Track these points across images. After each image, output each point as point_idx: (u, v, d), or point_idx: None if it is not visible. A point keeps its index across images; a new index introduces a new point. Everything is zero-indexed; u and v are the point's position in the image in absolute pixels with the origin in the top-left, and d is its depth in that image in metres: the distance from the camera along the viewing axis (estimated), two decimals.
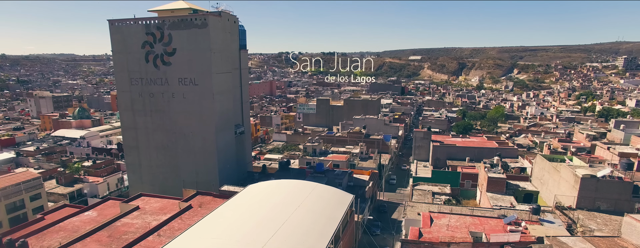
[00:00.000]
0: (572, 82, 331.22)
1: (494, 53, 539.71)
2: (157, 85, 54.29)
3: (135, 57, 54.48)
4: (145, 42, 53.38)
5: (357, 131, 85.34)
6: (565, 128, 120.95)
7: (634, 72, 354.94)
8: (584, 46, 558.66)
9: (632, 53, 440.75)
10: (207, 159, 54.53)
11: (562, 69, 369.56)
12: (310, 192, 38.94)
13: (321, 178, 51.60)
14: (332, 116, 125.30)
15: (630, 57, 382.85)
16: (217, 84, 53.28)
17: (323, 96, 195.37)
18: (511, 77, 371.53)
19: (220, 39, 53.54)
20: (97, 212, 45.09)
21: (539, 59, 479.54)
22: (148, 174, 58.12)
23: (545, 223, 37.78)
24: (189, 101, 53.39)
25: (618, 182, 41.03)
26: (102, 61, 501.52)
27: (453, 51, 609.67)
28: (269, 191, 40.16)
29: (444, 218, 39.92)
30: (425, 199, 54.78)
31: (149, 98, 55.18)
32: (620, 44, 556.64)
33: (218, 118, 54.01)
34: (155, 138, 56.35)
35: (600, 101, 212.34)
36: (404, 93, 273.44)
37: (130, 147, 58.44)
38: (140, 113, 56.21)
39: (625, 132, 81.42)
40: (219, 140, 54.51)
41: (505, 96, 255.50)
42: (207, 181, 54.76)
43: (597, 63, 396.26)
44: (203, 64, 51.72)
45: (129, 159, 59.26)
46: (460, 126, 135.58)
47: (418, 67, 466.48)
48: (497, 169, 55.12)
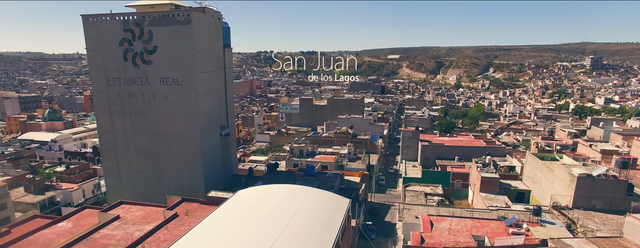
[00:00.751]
0: (544, 80, 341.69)
1: (469, 52, 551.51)
2: (136, 85, 51.00)
3: (112, 55, 51.00)
4: (123, 39, 50.02)
5: (344, 131, 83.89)
6: (545, 126, 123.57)
7: (599, 71, 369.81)
8: (553, 46, 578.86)
9: (597, 53, 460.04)
10: (191, 163, 51.69)
11: (535, 68, 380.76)
12: (305, 198, 36.97)
13: (312, 181, 49.72)
14: (315, 115, 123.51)
15: (596, 57, 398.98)
16: (202, 83, 50.53)
17: (304, 95, 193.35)
18: (487, 76, 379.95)
19: (204, 37, 50.79)
20: (72, 223, 41.65)
21: (513, 58, 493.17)
22: (128, 179, 54.70)
23: (546, 224, 37.21)
24: (172, 101, 50.40)
25: (613, 181, 41.04)
26: (73, 60, 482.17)
27: (430, 50, 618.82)
28: (261, 197, 37.94)
29: (444, 221, 38.83)
30: (418, 200, 53.80)
31: (128, 99, 51.81)
32: (586, 44, 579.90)
33: (203, 119, 51.26)
34: (136, 141, 53.03)
35: (572, 99, 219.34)
36: (384, 92, 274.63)
37: (107, 151, 54.83)
38: (119, 115, 52.74)
39: (605, 130, 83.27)
40: (204, 143, 51.77)
41: (483, 95, 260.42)
42: (192, 186, 51.85)
43: (567, 62, 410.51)
44: (186, 63, 48.87)
45: (106, 164, 55.62)
46: (443, 124, 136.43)
47: (397, 66, 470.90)
48: (490, 168, 54.70)
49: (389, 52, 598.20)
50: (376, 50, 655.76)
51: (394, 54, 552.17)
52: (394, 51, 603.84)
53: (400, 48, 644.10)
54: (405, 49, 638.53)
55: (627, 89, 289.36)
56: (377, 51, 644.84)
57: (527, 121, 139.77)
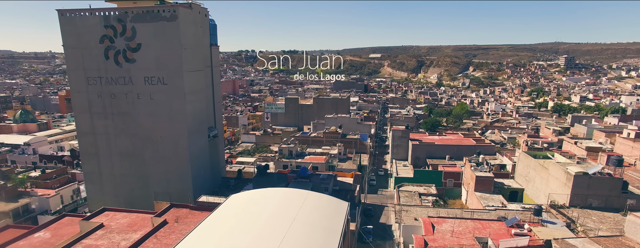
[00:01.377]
0: (522, 79, 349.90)
1: (449, 51, 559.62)
2: (119, 85, 48.25)
3: (92, 53, 48.07)
4: (104, 36, 47.19)
5: (333, 131, 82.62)
6: (527, 124, 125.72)
7: (573, 70, 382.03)
8: (529, 45, 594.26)
9: (569, 53, 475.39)
10: (179, 166, 49.34)
11: (512, 67, 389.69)
12: (303, 202, 35.44)
13: (306, 183, 48.22)
14: (301, 115, 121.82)
15: (569, 56, 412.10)
16: (189, 83, 48.25)
17: (288, 94, 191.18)
18: (467, 75, 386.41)
19: (191, 34, 48.52)
20: (50, 233, 38.88)
21: (491, 57, 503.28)
22: (110, 184, 51.84)
23: (547, 224, 36.89)
24: (157, 102, 47.92)
25: (609, 179, 41.20)
26: (45, 59, 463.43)
27: (410, 49, 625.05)
28: (256, 202, 36.17)
29: (445, 223, 38.03)
30: (413, 201, 53.04)
31: (110, 99, 49.00)
32: (559, 44, 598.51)
33: (190, 120, 48.99)
34: (119, 143, 50.24)
35: (550, 97, 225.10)
36: (366, 91, 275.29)
37: (88, 154, 51.79)
38: (100, 116, 49.84)
39: (588, 127, 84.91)
40: (192, 145, 49.51)
41: (464, 93, 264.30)
42: (179, 190, 49.57)
43: (543, 62, 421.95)
44: (173, 61, 46.51)
45: (87, 168, 52.55)
46: (428, 123, 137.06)
47: (378, 65, 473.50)
48: (483, 167, 54.45)
49: (370, 51, 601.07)
50: (357, 49, 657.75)
51: (375, 53, 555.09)
52: (375, 50, 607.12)
53: (381, 47, 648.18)
54: (386, 48, 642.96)
55: (598, 87, 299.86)
56: (358, 50, 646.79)
57: (510, 118, 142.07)
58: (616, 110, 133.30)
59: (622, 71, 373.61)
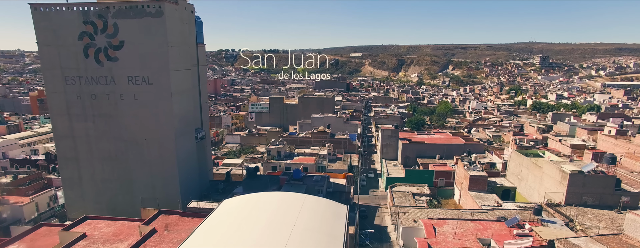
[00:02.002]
0: (500, 77, 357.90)
1: (428, 50, 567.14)
2: (100, 84, 45.46)
3: (70, 51, 45.07)
4: (84, 32, 44.30)
5: (321, 131, 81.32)
6: (509, 121, 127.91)
7: (547, 69, 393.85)
8: (505, 45, 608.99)
9: (543, 52, 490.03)
10: (165, 170, 46.96)
11: (490, 65, 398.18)
12: (301, 206, 33.98)
13: (299, 186, 46.77)
14: (286, 115, 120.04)
15: (544, 56, 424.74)
16: (176, 83, 45.94)
17: (271, 94, 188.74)
18: (447, 73, 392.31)
19: (178, 31, 46.20)
20: (26, 245, 36.23)
21: (469, 56, 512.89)
22: (92, 190, 48.91)
23: (547, 223, 36.74)
24: (142, 102, 45.39)
25: (603, 176, 41.53)
26: (14, 57, 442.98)
27: (390, 48, 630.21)
28: (252, 207, 34.47)
29: (446, 224, 37.37)
30: (407, 202, 52.38)
31: (91, 100, 46.12)
32: (533, 44, 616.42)
33: (177, 121, 46.68)
34: (100, 147, 47.41)
35: (528, 95, 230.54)
36: (349, 90, 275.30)
37: (67, 159, 48.68)
38: (80, 118, 46.87)
39: (570, 125, 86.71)
40: (179, 147, 47.21)
41: (445, 91, 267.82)
42: (166, 195, 47.25)
43: (519, 61, 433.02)
44: (159, 60, 44.10)
45: (65, 173, 49.41)
46: (412, 121, 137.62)
47: (359, 64, 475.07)
48: (476, 167, 54.33)
49: (351, 50, 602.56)
50: (338, 48, 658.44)
51: (355, 52, 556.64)
52: (355, 49, 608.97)
53: (361, 46, 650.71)
54: (367, 47, 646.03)
55: (571, 86, 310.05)
56: (339, 49, 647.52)
57: (492, 116, 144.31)
58: (592, 108, 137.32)
59: (592, 70, 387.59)
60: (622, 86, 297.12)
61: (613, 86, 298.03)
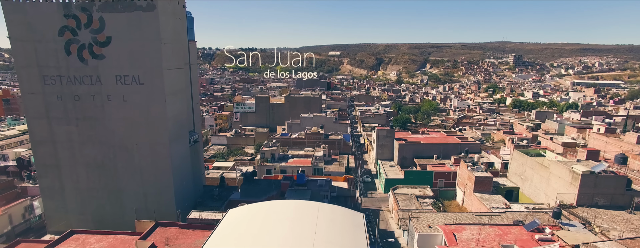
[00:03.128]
0: (476, 76, 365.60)
1: (405, 49, 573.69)
2: (85, 85, 41.37)
3: (49, 47, 40.73)
4: (65, 27, 40.08)
5: (315, 131, 78.86)
6: (494, 120, 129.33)
7: (521, 68, 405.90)
8: (479, 44, 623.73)
9: (515, 51, 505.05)
10: (159, 177, 43.37)
11: (467, 64, 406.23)
12: (316, 216, 31.55)
13: (304, 191, 44.29)
14: (272, 115, 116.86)
15: (517, 55, 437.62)
16: (169, 82, 42.41)
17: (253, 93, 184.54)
18: (425, 72, 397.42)
19: (171, 26, 42.65)
20: None
21: (445, 54, 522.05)
22: (75, 200, 44.69)
23: (566, 226, 35.80)
24: (132, 104, 41.63)
25: (614, 177, 41.17)
26: None
27: (368, 46, 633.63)
28: (263, 218, 31.74)
29: (464, 230, 35.80)
30: (412, 204, 50.81)
31: (74, 102, 41.94)
32: (506, 43, 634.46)
33: (171, 125, 43.16)
34: (85, 153, 43.27)
35: (505, 93, 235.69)
36: (329, 88, 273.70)
37: (46, 166, 44.23)
38: (61, 122, 42.58)
39: (559, 123, 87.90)
40: (174, 153, 43.73)
41: (425, 90, 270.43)
42: (159, 204, 43.75)
43: (494, 59, 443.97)
44: (151, 58, 40.47)
45: (44, 181, 44.92)
46: (399, 120, 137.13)
47: (338, 63, 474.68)
48: (479, 167, 53.39)
49: (329, 48, 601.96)
50: (316, 47, 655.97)
51: (334, 50, 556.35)
52: (333, 48, 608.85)
53: (339, 45, 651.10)
54: (344, 45, 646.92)
55: (543, 84, 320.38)
56: (316, 47, 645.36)
57: (476, 115, 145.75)
58: (570, 106, 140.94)
59: (561, 69, 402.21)
60: (590, 84, 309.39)
61: (582, 84, 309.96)
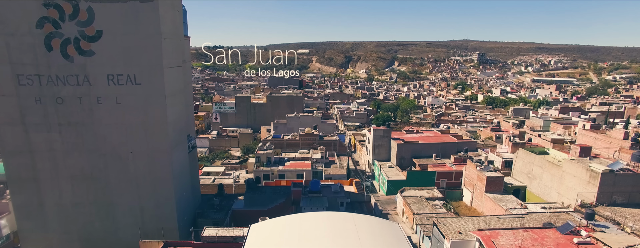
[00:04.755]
0: (443, 73, 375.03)
1: (372, 47, 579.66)
2: (70, 85, 35.90)
3: (24, 42, 34.93)
4: (45, 18, 34.47)
5: (309, 132, 75.58)
6: (474, 117, 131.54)
7: (485, 65, 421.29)
8: (443, 42, 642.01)
9: (477, 49, 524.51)
10: (157, 188, 38.64)
11: (433, 62, 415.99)
12: (355, 229, 28.61)
13: (320, 199, 41.15)
14: (254, 115, 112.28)
15: (481, 53, 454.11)
16: (170, 82, 37.81)
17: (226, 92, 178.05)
18: (394, 69, 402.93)
19: (170, 19, 38.05)
20: None
21: (411, 52, 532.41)
22: (58, 218, 38.98)
23: (599, 227, 35.04)
24: (127, 107, 36.66)
25: (632, 175, 41.22)
26: None
27: (335, 44, 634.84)
28: (298, 234, 28.27)
29: (500, 235, 34.11)
30: (424, 207, 48.96)
31: (56, 105, 36.32)
32: (468, 42, 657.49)
33: (171, 130, 38.57)
34: (70, 163, 37.72)
35: (473, 90, 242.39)
36: (302, 87, 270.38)
37: (21, 180, 38.19)
38: (41, 128, 36.79)
39: (544, 120, 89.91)
40: (174, 161, 39.19)
41: (397, 87, 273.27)
42: (158, 219, 39.09)
43: (459, 57, 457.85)
44: (149, 55, 35.73)
45: (19, 198, 38.81)
46: (380, 118, 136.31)
47: (307, 61, 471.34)
48: (488, 167, 52.50)
49: (296, 46, 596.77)
50: (283, 44, 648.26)
51: (301, 48, 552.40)
52: (301, 46, 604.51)
53: (307, 43, 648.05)
54: (312, 43, 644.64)
55: (506, 81, 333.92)
56: (284, 45, 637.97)
57: (453, 112, 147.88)
58: (542, 102, 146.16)
59: (521, 66, 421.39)
60: (548, 81, 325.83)
61: (541, 81, 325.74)
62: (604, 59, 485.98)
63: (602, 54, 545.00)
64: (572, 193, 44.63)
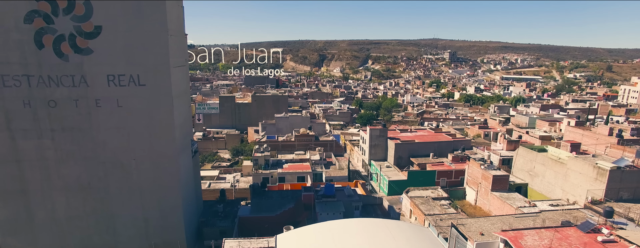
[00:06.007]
0: (416, 71, 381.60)
1: (344, 45, 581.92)
2: (64, 86, 32.45)
3: (9, 38, 31.21)
4: (34, 12, 30.92)
5: (304, 133, 73.62)
6: (456, 114, 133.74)
7: (456, 63, 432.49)
8: (414, 40, 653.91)
9: (446, 48, 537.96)
10: (163, 197, 35.81)
11: (406, 60, 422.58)
12: (392, 237, 27.28)
13: (335, 203, 39.47)
14: (238, 115, 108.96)
15: (452, 51, 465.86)
16: (176, 83, 35.08)
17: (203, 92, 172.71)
18: (368, 68, 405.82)
19: (175, 15, 35.34)
20: None
21: (383, 51, 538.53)
22: (50, 233, 35.37)
23: (619, 225, 35.42)
24: (129, 110, 33.64)
25: (638, 171, 42.21)
26: None
27: (307, 43, 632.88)
28: (330, 244, 26.61)
29: (526, 235, 33.67)
30: (433, 208, 48.29)
31: (48, 109, 32.78)
32: (437, 40, 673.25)
33: (178, 134, 35.83)
34: (64, 173, 34.22)
35: (448, 88, 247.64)
36: (279, 86, 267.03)
37: (6, 192, 34.31)
38: (30, 134, 33.11)
39: (529, 117, 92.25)
40: (181, 167, 36.46)
41: (373, 85, 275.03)
42: (163, 231, 36.36)
43: (431, 55, 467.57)
44: (155, 53, 32.89)
45: (3, 212, 34.85)
46: (364, 117, 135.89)
47: (281, 59, 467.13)
48: (492, 166, 52.67)
49: (267, 45, 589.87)
50: (255, 43, 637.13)
51: (274, 47, 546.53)
52: (273, 44, 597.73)
53: (279, 41, 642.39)
54: (284, 42, 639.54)
55: (477, 78, 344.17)
56: (256, 44, 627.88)
57: (434, 110, 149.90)
58: (519, 100, 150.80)
59: (490, 64, 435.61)
60: (516, 79, 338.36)
61: (511, 79, 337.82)
62: (563, 57, 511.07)
63: (561, 53, 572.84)
64: (577, 190, 45.36)
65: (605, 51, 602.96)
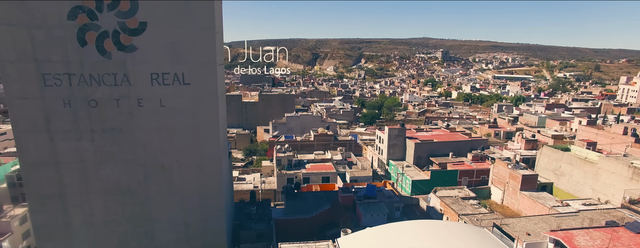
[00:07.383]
0: (409, 70, 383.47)
1: (336, 44, 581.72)
2: (106, 85, 31.04)
3: (53, 35, 29.68)
4: (78, 8, 29.44)
5: (323, 132, 72.73)
6: (458, 114, 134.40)
7: (448, 62, 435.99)
8: (405, 39, 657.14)
9: (437, 47, 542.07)
10: (206, 201, 34.63)
11: (399, 59, 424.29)
12: (459, 239, 26.74)
13: (377, 205, 38.80)
14: (245, 114, 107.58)
15: (445, 50, 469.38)
16: (220, 82, 33.96)
17: None
18: (361, 66, 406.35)
19: (219, 12, 34.07)
20: None
21: (374, 49, 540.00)
22: (87, 238, 33.92)
23: None
24: (173, 110, 32.36)
25: None
26: None
27: (299, 42, 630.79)
28: (398, 246, 25.90)
29: (576, 236, 33.69)
30: (464, 208, 48.08)
31: (89, 109, 31.32)
32: (428, 39, 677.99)
33: (222, 135, 34.74)
34: (103, 176, 32.79)
35: (443, 87, 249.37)
36: (274, 84, 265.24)
37: (44, 197, 32.73)
38: (70, 136, 31.62)
39: (539, 116, 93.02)
40: (224, 169, 35.37)
41: (369, 84, 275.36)
42: (204, 235, 35.23)
43: (424, 54, 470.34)
44: (202, 51, 31.65)
45: (40, 218, 33.31)
46: (367, 116, 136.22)
47: (273, 57, 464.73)
48: (519, 165, 52.74)
49: (259, 43, 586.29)
50: (246, 41, 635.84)
51: (266, 45, 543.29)
52: (265, 43, 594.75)
53: (271, 40, 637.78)
54: (276, 40, 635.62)
55: (469, 77, 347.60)
56: (247, 42, 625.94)
57: (436, 109, 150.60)
58: (519, 99, 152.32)
59: (482, 64, 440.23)
60: (509, 78, 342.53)
61: (503, 78, 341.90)
62: (551, 57, 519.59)
63: (549, 53, 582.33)
64: (609, 190, 45.64)
65: (591, 51, 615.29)
